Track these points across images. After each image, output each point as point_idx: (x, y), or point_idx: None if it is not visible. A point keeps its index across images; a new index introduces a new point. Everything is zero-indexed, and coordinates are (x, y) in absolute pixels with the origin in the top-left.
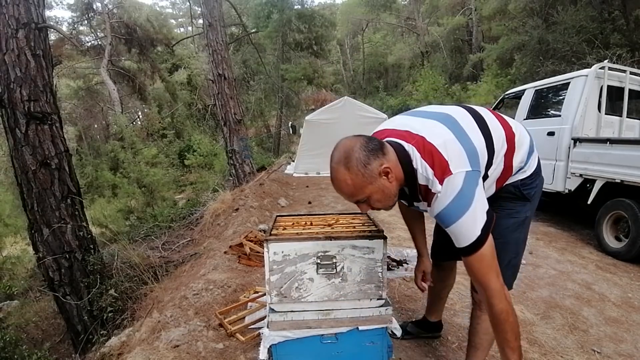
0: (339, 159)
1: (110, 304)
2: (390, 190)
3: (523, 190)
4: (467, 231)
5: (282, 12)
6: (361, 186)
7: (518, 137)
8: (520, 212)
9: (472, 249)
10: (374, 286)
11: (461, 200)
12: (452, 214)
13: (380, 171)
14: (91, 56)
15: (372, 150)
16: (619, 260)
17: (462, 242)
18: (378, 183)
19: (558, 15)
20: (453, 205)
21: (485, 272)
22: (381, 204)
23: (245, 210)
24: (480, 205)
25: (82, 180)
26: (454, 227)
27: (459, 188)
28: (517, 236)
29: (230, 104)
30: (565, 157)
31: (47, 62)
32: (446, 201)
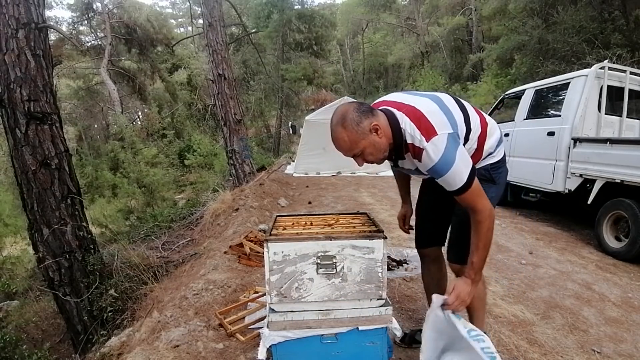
0: (337, 120)
1: (110, 304)
2: (380, 145)
3: (492, 173)
4: (456, 178)
5: (282, 12)
6: (356, 141)
7: (490, 127)
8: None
9: (463, 190)
10: (374, 286)
11: (448, 156)
12: (443, 168)
13: (371, 128)
14: (91, 56)
15: (363, 111)
16: (619, 260)
17: (454, 186)
18: (370, 138)
19: (558, 15)
20: (442, 161)
21: (475, 200)
22: (373, 157)
23: (245, 210)
24: (464, 157)
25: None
26: (445, 177)
27: (444, 146)
28: None
29: (230, 104)
30: (565, 157)
31: (47, 62)
32: (436, 158)
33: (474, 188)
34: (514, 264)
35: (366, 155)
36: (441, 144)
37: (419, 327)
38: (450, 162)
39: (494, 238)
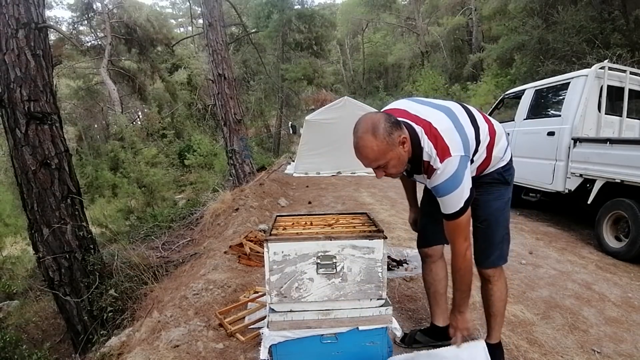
0: (366, 128)
1: (110, 303)
2: (404, 158)
3: (505, 175)
4: (454, 202)
5: (282, 12)
6: (384, 152)
7: (498, 133)
8: (504, 195)
9: (455, 216)
10: (374, 286)
11: (455, 179)
12: (447, 188)
13: (400, 140)
14: (91, 56)
15: (394, 123)
16: (619, 260)
17: (448, 210)
18: (397, 150)
19: (558, 15)
20: (448, 182)
21: (457, 235)
22: (395, 169)
23: (245, 210)
24: (467, 184)
25: (82, 180)
26: (445, 197)
27: (455, 169)
28: (505, 215)
29: (230, 104)
30: (565, 157)
31: (47, 62)
32: (444, 178)
33: (463, 221)
34: (514, 264)
35: (390, 168)
36: (453, 166)
37: (420, 327)
38: (456, 185)
39: None
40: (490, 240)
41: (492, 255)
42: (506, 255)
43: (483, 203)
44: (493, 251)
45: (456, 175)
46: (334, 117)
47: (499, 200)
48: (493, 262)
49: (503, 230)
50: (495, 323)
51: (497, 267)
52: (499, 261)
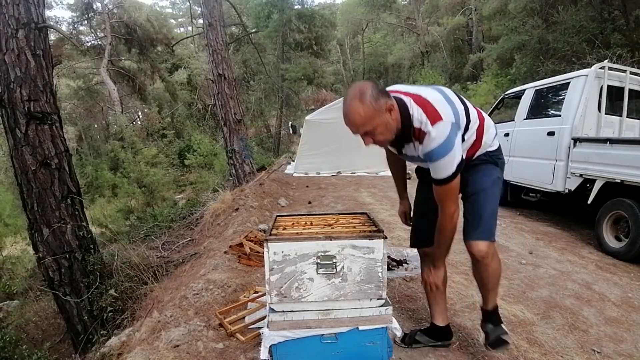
0: (354, 95)
1: (110, 303)
2: (391, 126)
3: (493, 157)
4: (446, 167)
5: (282, 12)
6: (371, 117)
7: (486, 121)
8: (493, 172)
9: (445, 181)
10: (374, 286)
11: (447, 144)
12: (439, 153)
13: (387, 107)
14: (91, 56)
15: (381, 91)
16: (619, 260)
17: (440, 175)
18: (384, 117)
19: (558, 15)
20: (441, 147)
21: (447, 198)
22: (383, 136)
23: (245, 210)
24: (459, 150)
25: (82, 180)
26: (437, 162)
27: (447, 134)
28: (495, 192)
29: (230, 104)
30: (565, 157)
31: (47, 62)
32: (436, 143)
33: (453, 185)
34: (514, 264)
35: (376, 135)
36: (444, 129)
37: (420, 327)
38: (448, 149)
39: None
40: (479, 213)
41: (480, 227)
42: (494, 233)
43: (473, 180)
44: (481, 224)
45: (448, 140)
46: (334, 117)
47: (488, 176)
48: (481, 234)
49: (490, 205)
50: (490, 294)
51: (487, 243)
52: (488, 235)
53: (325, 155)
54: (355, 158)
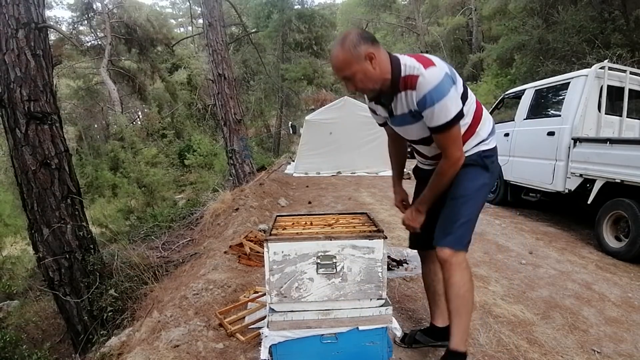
0: (338, 40)
1: (110, 303)
2: (372, 75)
3: (486, 160)
4: (444, 111)
5: (282, 12)
6: (349, 62)
7: (484, 113)
8: (479, 178)
9: (445, 127)
10: (374, 286)
11: (442, 88)
12: (434, 96)
13: (366, 54)
14: (91, 56)
15: (364, 37)
16: (619, 260)
17: (439, 121)
18: (363, 65)
19: (558, 15)
20: (435, 90)
21: (450, 144)
22: (363, 84)
23: (245, 210)
24: (456, 97)
25: (82, 180)
26: (434, 107)
27: (441, 78)
28: (476, 200)
29: (230, 104)
30: (565, 157)
31: (47, 62)
32: (430, 85)
33: (454, 132)
34: (514, 263)
35: (356, 81)
36: (438, 74)
37: (420, 327)
38: (444, 92)
39: (493, 238)
40: (451, 218)
41: (449, 234)
42: (465, 242)
43: (455, 183)
44: (451, 230)
45: (443, 84)
46: (334, 117)
47: (473, 181)
48: (449, 242)
49: (468, 213)
50: (455, 324)
51: (454, 251)
52: (457, 244)
53: (325, 155)
54: (355, 158)
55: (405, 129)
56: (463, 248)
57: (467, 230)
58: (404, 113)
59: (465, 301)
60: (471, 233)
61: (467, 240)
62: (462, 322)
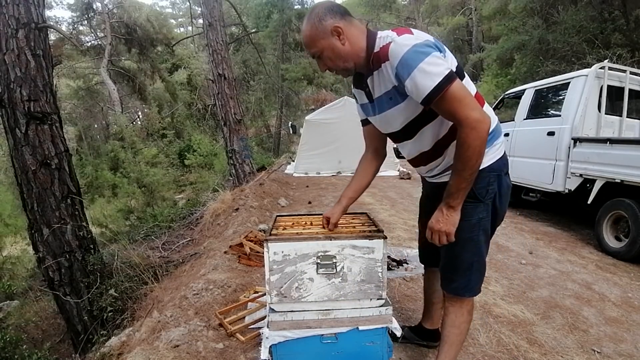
0: (307, 13)
1: (110, 303)
2: (341, 52)
3: (476, 188)
4: (429, 75)
5: (282, 12)
6: (314, 38)
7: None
8: (473, 214)
9: (437, 92)
10: (374, 286)
11: (419, 50)
12: (410, 60)
13: (332, 29)
14: (91, 56)
15: (332, 11)
16: (619, 260)
17: (425, 89)
18: (329, 41)
19: (558, 15)
20: (410, 53)
21: (456, 108)
22: (332, 62)
23: (245, 210)
24: (442, 59)
25: (82, 180)
26: (413, 73)
27: (416, 42)
28: (475, 239)
29: (230, 104)
30: (565, 157)
31: (47, 62)
32: (402, 50)
33: (453, 91)
34: (514, 264)
35: (325, 59)
36: (413, 38)
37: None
38: (423, 53)
39: (493, 238)
40: (453, 265)
41: (455, 281)
42: (476, 287)
43: None
44: (457, 278)
45: (419, 47)
46: (334, 117)
47: (465, 220)
48: (456, 290)
49: (471, 256)
50: (443, 350)
51: (460, 297)
52: (464, 292)
53: (325, 155)
54: (355, 158)
55: (386, 117)
56: (472, 294)
57: (473, 276)
58: (386, 92)
59: (459, 332)
60: (480, 276)
61: (477, 287)
62: (451, 352)
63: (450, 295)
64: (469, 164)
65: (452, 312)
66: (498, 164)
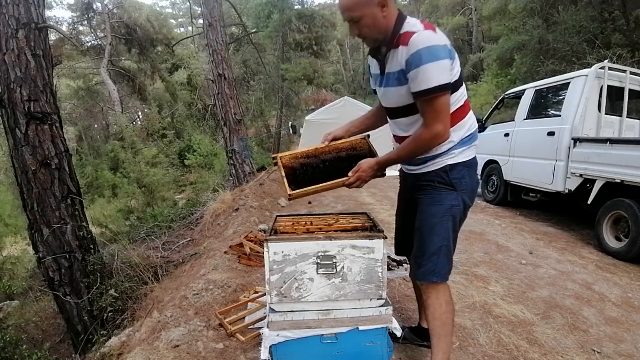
0: None
1: (110, 303)
2: (380, 23)
3: (451, 176)
4: (433, 74)
5: (282, 12)
6: (360, 3)
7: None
8: (445, 200)
9: (428, 93)
10: (374, 286)
11: (435, 51)
12: (424, 56)
13: (380, 0)
14: (91, 56)
15: None
16: (619, 260)
17: (427, 84)
18: (373, 10)
19: (558, 15)
20: (429, 49)
21: (433, 115)
22: (368, 30)
23: (245, 210)
24: (449, 68)
25: (82, 180)
26: (420, 68)
27: (437, 42)
28: (445, 224)
29: (230, 104)
30: (565, 157)
31: (47, 62)
32: (424, 44)
33: (440, 103)
34: (514, 264)
35: (362, 26)
36: (435, 38)
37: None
38: (437, 55)
39: (493, 238)
40: (422, 249)
41: (422, 266)
42: (443, 272)
43: (420, 207)
44: (424, 262)
45: (437, 49)
46: (334, 117)
47: (437, 205)
48: (423, 274)
49: (439, 240)
50: (434, 344)
51: (428, 283)
52: (431, 276)
53: None
54: None
55: (389, 93)
56: (439, 279)
57: (440, 260)
58: (395, 71)
59: (442, 323)
60: (448, 261)
61: (444, 271)
62: (441, 344)
63: (422, 284)
64: (407, 154)
65: (431, 305)
66: (472, 162)
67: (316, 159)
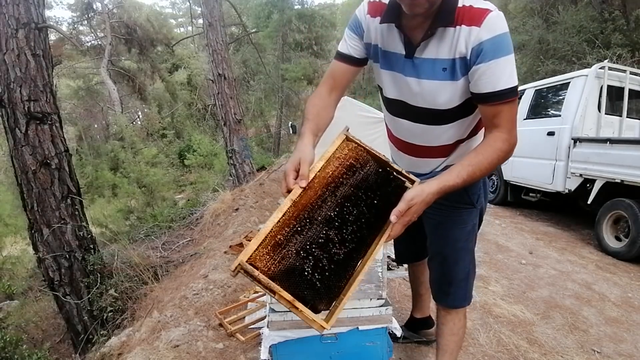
0: None
1: (110, 303)
2: None
3: (470, 192)
4: (512, 72)
5: (282, 12)
6: None
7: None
8: (468, 221)
9: (511, 94)
10: (374, 286)
11: (510, 42)
12: (503, 45)
13: None
14: (91, 56)
15: None
16: (619, 260)
17: (505, 83)
18: None
19: (558, 15)
20: (507, 39)
21: (513, 125)
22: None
23: (245, 210)
24: None
25: (82, 180)
26: (499, 60)
27: (507, 31)
28: (469, 246)
29: (230, 104)
30: (565, 157)
31: (47, 62)
32: (502, 30)
33: (516, 105)
34: (514, 264)
35: None
36: (506, 27)
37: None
38: (509, 49)
39: (493, 238)
40: (448, 277)
41: (451, 294)
42: (467, 298)
43: (439, 234)
44: (452, 290)
45: (509, 39)
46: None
47: (461, 227)
48: (453, 302)
49: (467, 265)
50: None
51: (456, 309)
52: (462, 302)
53: None
54: None
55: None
56: (465, 304)
57: (469, 284)
58: (442, 59)
59: (459, 338)
60: (472, 284)
61: (469, 295)
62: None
63: (445, 309)
64: (482, 173)
65: (450, 321)
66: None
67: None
